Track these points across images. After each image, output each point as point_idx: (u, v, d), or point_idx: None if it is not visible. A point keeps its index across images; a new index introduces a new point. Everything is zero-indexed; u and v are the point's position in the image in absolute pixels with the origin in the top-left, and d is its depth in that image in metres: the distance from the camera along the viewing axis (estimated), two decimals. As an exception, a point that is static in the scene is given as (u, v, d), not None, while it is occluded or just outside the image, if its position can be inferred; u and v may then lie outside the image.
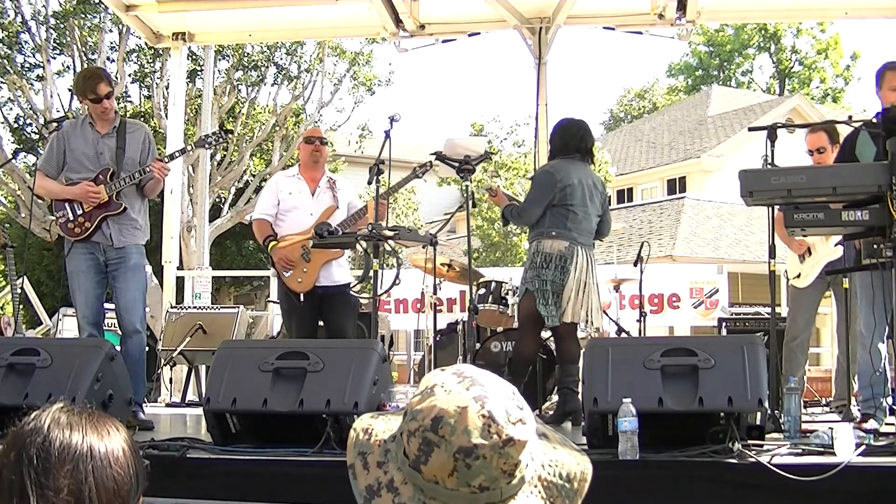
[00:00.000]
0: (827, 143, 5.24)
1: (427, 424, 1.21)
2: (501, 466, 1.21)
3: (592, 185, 5.12)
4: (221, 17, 7.88)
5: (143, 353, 4.95)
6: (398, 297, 8.86)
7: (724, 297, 8.87)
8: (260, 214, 5.50)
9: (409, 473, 1.24)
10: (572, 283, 4.97)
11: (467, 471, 1.20)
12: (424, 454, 1.21)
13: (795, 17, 16.78)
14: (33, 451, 1.19)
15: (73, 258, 4.87)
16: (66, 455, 1.20)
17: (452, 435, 1.20)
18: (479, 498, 1.21)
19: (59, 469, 1.19)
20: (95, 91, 4.82)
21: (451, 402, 1.22)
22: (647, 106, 34.73)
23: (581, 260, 5.00)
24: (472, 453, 1.19)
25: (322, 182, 5.49)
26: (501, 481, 1.22)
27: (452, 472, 1.20)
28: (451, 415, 1.21)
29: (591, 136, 5.30)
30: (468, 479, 1.20)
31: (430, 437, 1.21)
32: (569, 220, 5.01)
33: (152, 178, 4.90)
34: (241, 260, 19.01)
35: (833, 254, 5.24)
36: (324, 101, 16.40)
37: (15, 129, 15.47)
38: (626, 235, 17.14)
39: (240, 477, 3.57)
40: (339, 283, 5.43)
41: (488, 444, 1.19)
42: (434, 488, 1.22)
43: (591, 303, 5.05)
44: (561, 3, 7.29)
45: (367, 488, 1.26)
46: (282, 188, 5.47)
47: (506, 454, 1.20)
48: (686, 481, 3.32)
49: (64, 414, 1.26)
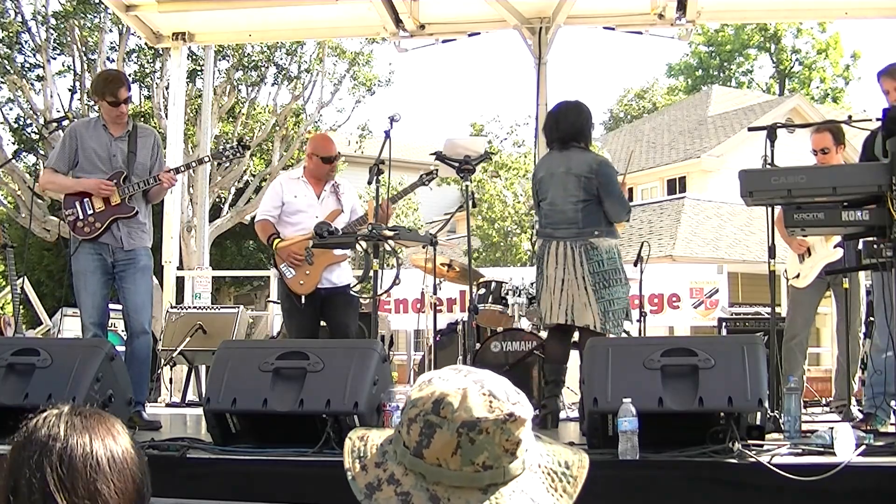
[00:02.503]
0: (831, 144, 5.23)
1: (428, 408, 1.23)
2: (503, 444, 1.22)
3: (566, 172, 4.78)
4: (221, 17, 7.87)
5: (149, 353, 4.96)
6: (398, 297, 8.87)
7: (724, 297, 8.87)
8: (263, 215, 5.50)
9: (411, 462, 1.24)
10: (544, 280, 4.77)
11: (471, 447, 1.21)
12: (426, 437, 1.22)
13: (795, 17, 16.78)
14: (55, 457, 1.21)
15: (80, 258, 4.86)
16: (88, 460, 1.22)
17: (454, 413, 1.21)
18: (483, 477, 1.22)
19: (82, 473, 1.21)
20: (116, 94, 4.83)
21: (451, 386, 1.24)
22: (647, 106, 34.72)
23: (557, 255, 4.75)
24: (476, 426, 1.20)
25: (327, 186, 5.49)
26: (504, 460, 1.23)
27: (455, 450, 1.21)
28: (453, 395, 1.22)
29: (569, 119, 4.94)
30: (471, 456, 1.21)
31: (432, 419, 1.22)
32: (543, 215, 4.90)
33: (159, 186, 4.94)
34: (241, 260, 19.02)
35: (832, 255, 5.25)
36: (324, 101, 16.41)
37: (15, 129, 15.47)
38: (626, 235, 17.10)
39: (240, 477, 3.57)
40: (340, 285, 5.43)
41: (492, 417, 1.21)
42: (437, 472, 1.22)
43: (574, 300, 4.69)
44: (561, 3, 7.29)
45: (367, 486, 1.27)
46: (286, 191, 5.45)
47: (507, 430, 1.22)
48: (686, 481, 3.32)
49: (77, 418, 1.27)
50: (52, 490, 1.18)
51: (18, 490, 1.20)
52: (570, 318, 4.74)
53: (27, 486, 1.19)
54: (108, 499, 1.21)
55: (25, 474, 1.20)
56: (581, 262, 4.71)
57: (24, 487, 1.20)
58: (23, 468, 1.21)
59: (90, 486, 1.20)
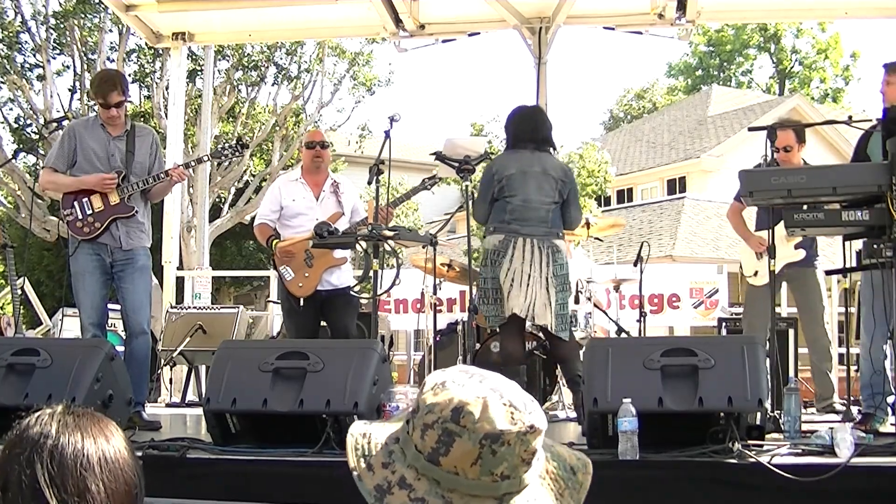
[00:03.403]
0: (794, 142, 5.26)
1: (447, 415, 1.21)
2: (522, 454, 1.22)
3: (542, 172, 4.83)
4: (221, 17, 7.87)
5: (148, 353, 4.96)
6: (398, 297, 8.87)
7: (724, 297, 8.87)
8: (262, 219, 5.50)
9: (424, 467, 1.23)
10: (509, 274, 4.69)
11: (492, 458, 1.20)
12: (445, 445, 1.21)
13: (795, 17, 16.78)
14: (45, 455, 1.22)
15: (79, 258, 4.85)
16: (79, 457, 1.23)
17: (476, 423, 1.20)
18: (501, 486, 1.22)
19: (72, 471, 1.21)
20: (106, 98, 4.83)
21: (469, 394, 1.22)
22: (647, 106, 34.72)
23: (523, 251, 4.71)
24: (500, 439, 1.20)
25: (326, 186, 5.47)
26: (521, 470, 1.23)
27: (476, 460, 1.20)
28: (473, 404, 1.21)
29: (547, 123, 5.05)
30: (492, 467, 1.21)
31: (451, 428, 1.20)
32: (507, 211, 4.78)
33: (164, 183, 4.94)
34: (241, 260, 19.02)
35: (794, 255, 5.26)
36: (324, 101, 16.40)
37: (15, 129, 15.46)
38: (625, 235, 17.13)
39: (240, 477, 3.58)
40: (341, 286, 5.42)
41: (514, 430, 1.21)
42: (453, 479, 1.21)
43: (536, 298, 4.68)
44: (561, 3, 7.29)
45: (376, 487, 1.25)
46: (284, 194, 5.44)
47: (527, 442, 1.22)
48: (686, 481, 3.32)
49: (69, 417, 1.28)
50: (41, 486, 1.19)
51: (9, 486, 1.21)
52: (532, 315, 4.71)
53: (17, 483, 1.20)
54: (97, 497, 1.21)
55: (16, 470, 1.21)
56: (548, 261, 4.73)
57: (14, 484, 1.20)
58: (13, 464, 1.22)
59: (80, 483, 1.21)
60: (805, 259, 5.31)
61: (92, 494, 1.21)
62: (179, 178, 4.97)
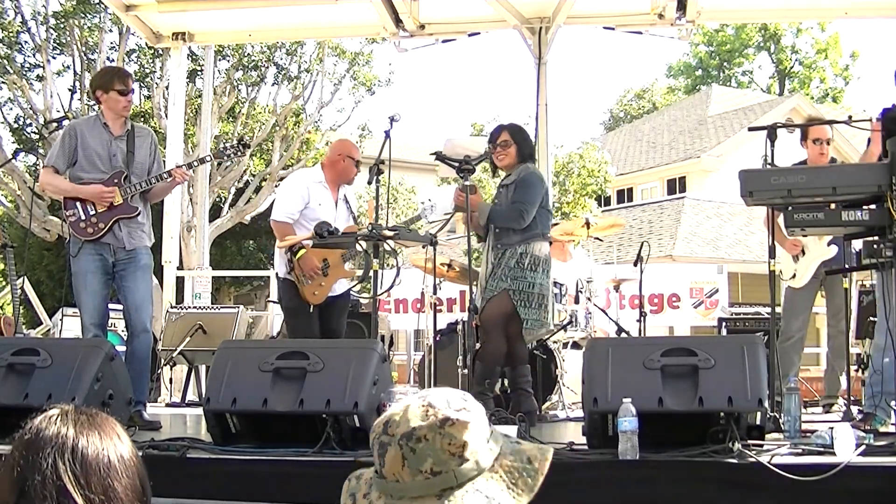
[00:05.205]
0: (827, 136, 5.32)
1: (379, 430, 1.32)
2: (447, 448, 1.27)
3: None
4: (221, 17, 7.88)
5: (149, 352, 4.96)
6: (398, 297, 8.88)
7: (724, 297, 8.88)
8: (284, 217, 5.36)
9: (377, 484, 1.32)
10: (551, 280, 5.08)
11: (413, 455, 1.27)
12: (381, 457, 1.30)
13: (795, 17, 16.79)
14: (68, 454, 1.23)
15: (81, 258, 4.84)
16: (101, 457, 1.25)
17: (398, 428, 1.29)
18: (434, 483, 1.27)
19: (96, 470, 1.24)
20: (125, 83, 4.87)
21: (400, 405, 1.33)
22: (647, 106, 34.72)
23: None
24: (413, 436, 1.27)
25: (340, 194, 5.52)
26: (451, 463, 1.27)
27: (403, 462, 1.28)
28: (398, 413, 1.31)
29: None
30: (418, 464, 1.27)
31: (383, 440, 1.30)
32: (550, 222, 5.16)
33: (165, 183, 4.94)
34: (241, 260, 19.03)
35: (827, 253, 5.27)
36: (324, 101, 16.40)
37: (15, 129, 15.46)
38: (625, 235, 17.14)
39: (240, 477, 3.57)
40: (341, 292, 5.51)
41: (426, 424, 1.27)
42: (396, 487, 1.29)
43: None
44: (561, 3, 7.29)
45: None
46: (313, 196, 5.36)
47: (448, 434, 1.27)
48: (686, 481, 3.32)
49: (84, 416, 1.31)
50: (66, 486, 1.20)
51: (29, 488, 1.21)
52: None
53: (41, 484, 1.21)
54: (120, 495, 1.24)
55: (38, 471, 1.21)
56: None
57: (37, 485, 1.21)
58: (34, 466, 1.22)
59: (104, 482, 1.23)
60: (837, 257, 5.33)
61: (115, 492, 1.24)
62: (182, 178, 4.97)
